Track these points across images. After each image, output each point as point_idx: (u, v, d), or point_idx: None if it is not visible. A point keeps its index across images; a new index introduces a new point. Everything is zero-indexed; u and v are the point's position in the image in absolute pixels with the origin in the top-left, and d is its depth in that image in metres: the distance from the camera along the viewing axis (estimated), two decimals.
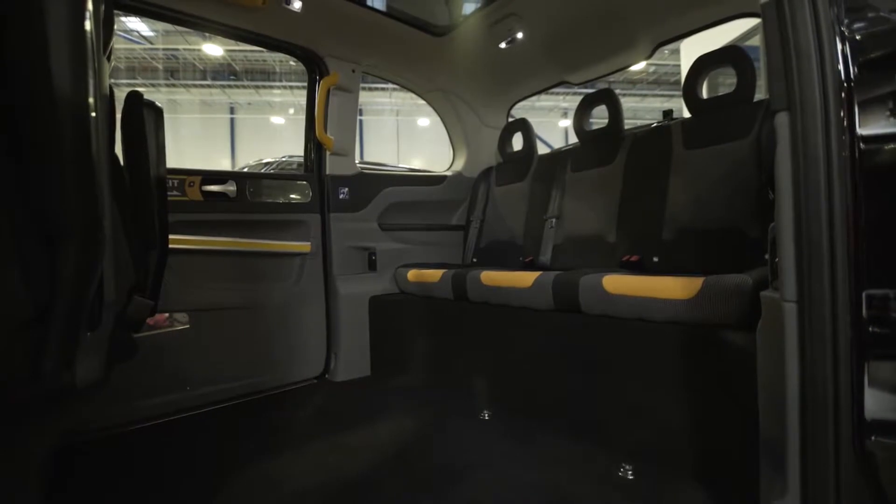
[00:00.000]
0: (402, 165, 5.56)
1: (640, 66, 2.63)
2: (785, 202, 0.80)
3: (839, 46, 0.79)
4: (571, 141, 2.65)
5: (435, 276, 2.08)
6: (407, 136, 16.98)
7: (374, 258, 2.39)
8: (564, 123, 17.02)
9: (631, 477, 1.21)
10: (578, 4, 2.00)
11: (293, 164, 4.73)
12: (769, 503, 0.88)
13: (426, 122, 16.31)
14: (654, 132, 2.01)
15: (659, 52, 2.28)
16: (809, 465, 0.77)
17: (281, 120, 16.36)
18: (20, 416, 0.76)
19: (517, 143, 2.65)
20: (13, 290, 0.59)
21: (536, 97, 2.99)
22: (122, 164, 1.14)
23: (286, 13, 1.94)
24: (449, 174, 2.83)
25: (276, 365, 2.10)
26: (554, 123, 17.24)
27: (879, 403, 0.75)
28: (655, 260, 1.80)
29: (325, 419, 1.73)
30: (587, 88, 2.85)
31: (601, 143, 2.17)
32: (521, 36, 2.22)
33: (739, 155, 1.64)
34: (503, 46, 2.32)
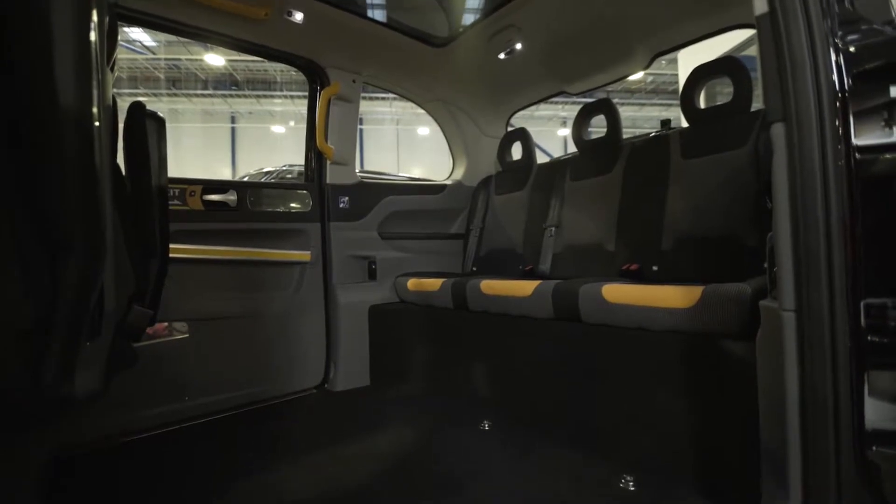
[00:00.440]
0: (402, 174, 5.59)
1: (638, 75, 2.66)
2: (782, 212, 0.80)
3: (833, 58, 0.80)
4: (570, 149, 2.66)
5: (435, 284, 2.09)
6: (407, 145, 17.06)
7: (374, 267, 2.39)
8: (563, 132, 17.11)
9: (632, 487, 1.20)
10: (576, 16, 2.03)
11: (293, 172, 4.75)
12: None
13: (426, 131, 16.40)
14: (652, 141, 2.03)
15: (656, 62, 2.30)
16: (811, 475, 0.77)
17: (282, 129, 16.46)
18: (20, 425, 0.76)
19: (516, 152, 2.67)
20: (15, 298, 0.59)
21: (535, 106, 3.01)
22: (123, 173, 1.15)
23: (288, 25, 1.96)
24: (449, 183, 2.84)
25: (275, 375, 2.10)
26: (553, 132, 17.33)
27: (880, 413, 0.75)
28: (655, 269, 1.80)
29: (324, 429, 1.72)
30: (586, 98, 2.87)
31: (600, 152, 2.19)
32: (519, 47, 2.25)
33: (737, 164, 1.65)
34: (502, 57, 2.35)
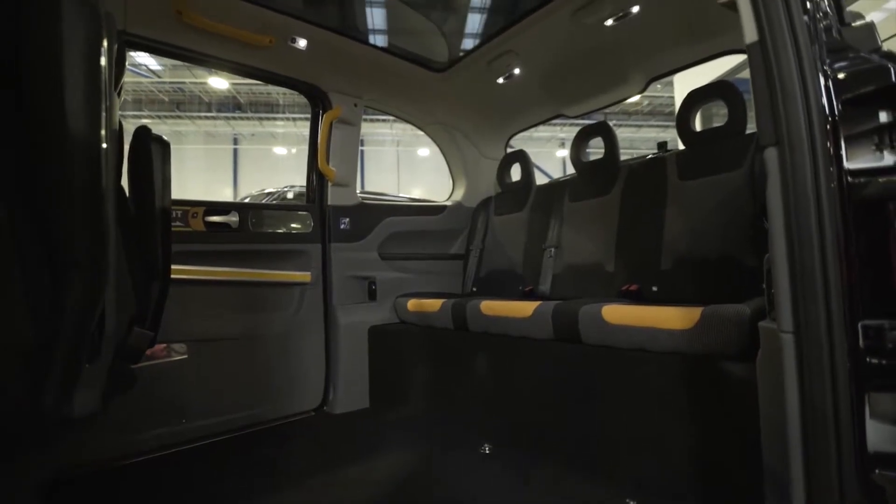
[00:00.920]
0: (402, 195, 5.63)
1: (635, 98, 2.71)
2: (778, 234, 0.81)
3: (823, 84, 0.83)
4: (569, 170, 2.70)
5: (435, 305, 2.08)
6: (407, 165, 17.25)
7: (374, 287, 2.39)
8: (562, 153, 17.32)
9: None
10: (573, 43, 2.08)
11: (294, 191, 4.79)
12: None
13: (426, 152, 16.60)
14: (649, 164, 2.06)
15: (652, 85, 2.35)
16: (815, 498, 0.76)
17: (283, 150, 16.67)
18: (15, 447, 0.75)
19: (515, 173, 2.70)
20: (19, 319, 0.59)
21: (534, 128, 3.06)
22: (127, 195, 1.16)
23: (292, 51, 2.01)
24: (449, 204, 2.86)
25: (274, 397, 2.07)
26: (551, 153, 17.54)
27: (882, 435, 0.75)
28: (654, 289, 1.80)
29: (323, 453, 1.70)
30: (584, 119, 2.92)
31: (598, 173, 2.22)
32: (518, 72, 2.30)
33: (734, 185, 1.67)
34: (501, 81, 2.40)
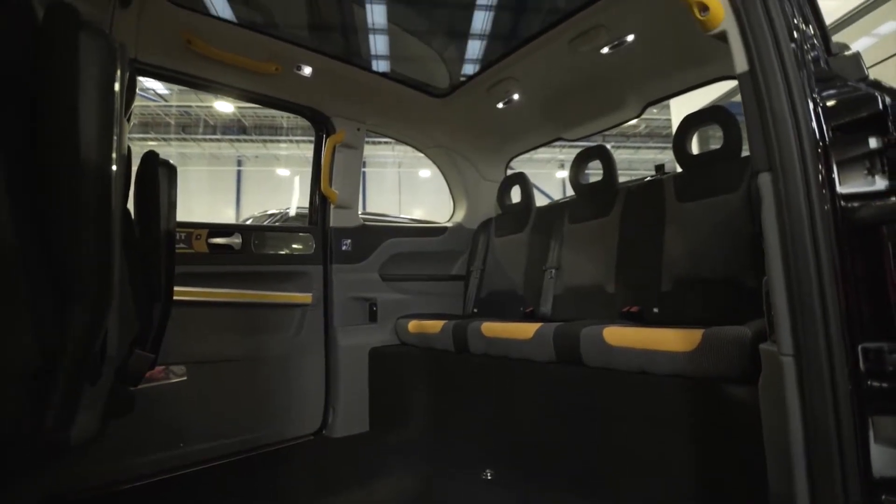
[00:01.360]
0: (403, 216, 5.67)
1: (632, 121, 2.76)
2: (774, 258, 0.82)
3: (812, 111, 0.85)
4: (568, 191, 2.74)
5: (436, 327, 2.08)
6: (408, 186, 17.42)
7: (374, 309, 2.39)
8: (561, 174, 17.49)
9: None
10: (570, 69, 2.14)
11: (297, 211, 4.83)
12: None
13: (427, 173, 16.78)
14: (647, 186, 2.08)
15: (648, 109, 2.41)
16: None
17: (286, 172, 16.89)
18: (12, 472, 0.74)
19: (515, 195, 2.73)
20: (24, 343, 0.60)
21: (534, 150, 3.11)
22: (132, 217, 1.18)
23: (298, 78, 2.07)
24: (450, 225, 2.89)
25: (272, 420, 2.05)
26: (551, 174, 17.72)
27: (887, 459, 0.74)
28: (656, 311, 1.80)
29: (322, 478, 1.67)
30: (583, 141, 2.97)
31: (597, 195, 2.24)
32: (517, 97, 2.36)
33: (731, 207, 1.68)
34: (500, 106, 2.45)
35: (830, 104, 0.87)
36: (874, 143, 0.83)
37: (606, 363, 1.40)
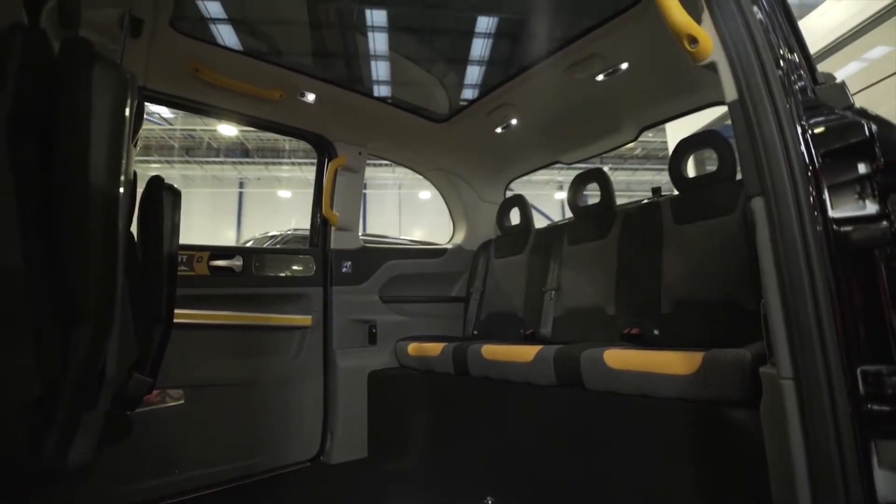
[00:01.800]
0: (403, 237, 5.70)
1: (629, 144, 2.81)
2: (770, 281, 0.83)
3: (801, 138, 0.88)
4: (567, 212, 2.76)
5: (436, 349, 2.07)
6: (408, 208, 17.54)
7: (374, 331, 2.38)
8: (560, 195, 17.63)
9: None
10: (567, 95, 2.19)
11: (298, 236, 4.86)
12: None
13: (427, 195, 16.92)
14: (644, 208, 2.11)
15: (644, 133, 2.45)
16: None
17: (288, 194, 17.04)
18: (3, 499, 0.73)
19: (515, 217, 2.76)
20: (26, 369, 0.60)
21: (533, 172, 3.15)
22: (136, 240, 1.19)
23: (301, 104, 2.12)
24: (449, 247, 2.90)
25: (269, 445, 2.02)
26: (550, 196, 17.86)
27: (892, 485, 0.73)
28: (656, 332, 1.80)
29: None
30: (581, 163, 3.01)
31: (595, 217, 2.27)
32: (515, 122, 2.41)
33: (728, 230, 1.70)
34: (499, 131, 2.50)
35: (818, 131, 0.89)
36: (863, 168, 0.85)
37: (608, 386, 1.39)
